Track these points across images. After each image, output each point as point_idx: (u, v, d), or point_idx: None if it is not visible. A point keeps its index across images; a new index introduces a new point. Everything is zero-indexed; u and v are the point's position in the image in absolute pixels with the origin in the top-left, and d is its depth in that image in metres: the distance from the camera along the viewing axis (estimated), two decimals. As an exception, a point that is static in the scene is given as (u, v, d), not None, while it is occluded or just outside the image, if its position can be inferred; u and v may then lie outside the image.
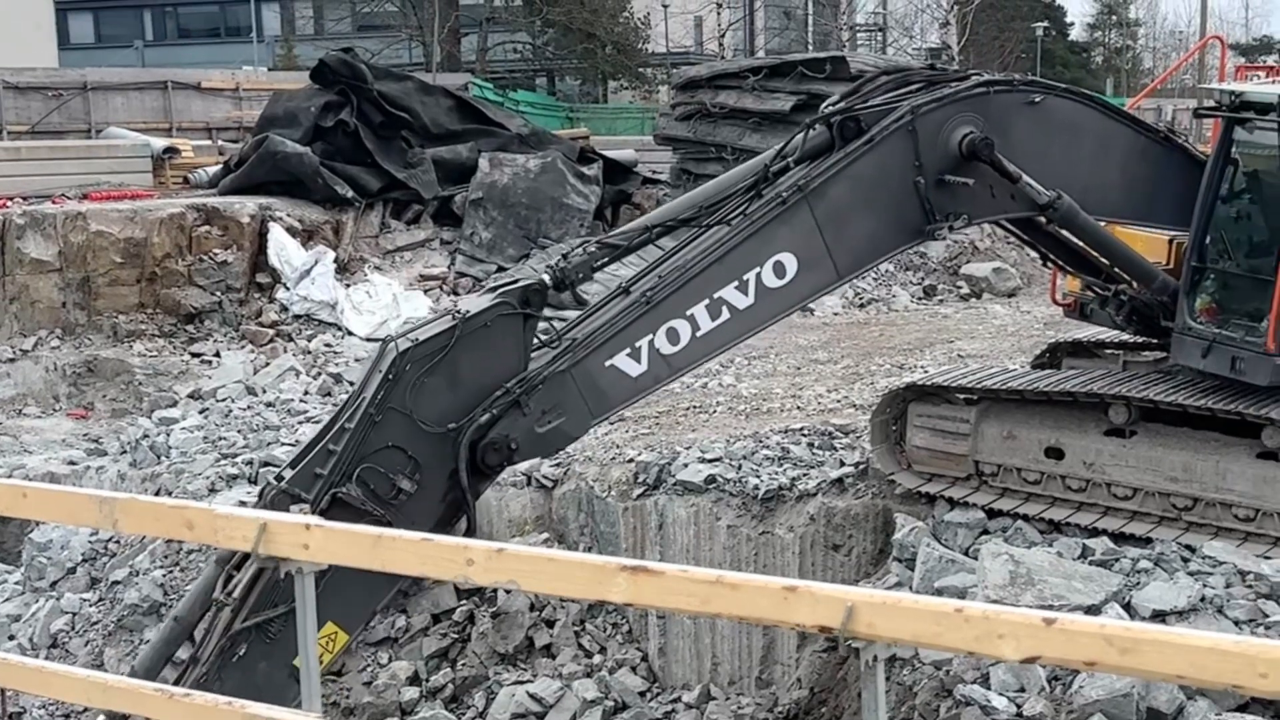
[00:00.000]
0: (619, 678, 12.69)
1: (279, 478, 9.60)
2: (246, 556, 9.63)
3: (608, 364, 9.60)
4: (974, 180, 10.00)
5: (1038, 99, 10.35)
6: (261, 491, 9.73)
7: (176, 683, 9.67)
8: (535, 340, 9.66)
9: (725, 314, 9.71)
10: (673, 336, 9.65)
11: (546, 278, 9.71)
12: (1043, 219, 10.59)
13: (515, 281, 9.76)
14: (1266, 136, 10.84)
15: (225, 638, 9.29)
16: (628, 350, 9.61)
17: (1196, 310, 10.97)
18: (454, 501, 9.60)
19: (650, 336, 9.62)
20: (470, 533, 9.85)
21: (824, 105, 10.30)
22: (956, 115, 9.94)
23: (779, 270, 9.78)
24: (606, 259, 9.93)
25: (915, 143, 9.86)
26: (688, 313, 9.65)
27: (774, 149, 10.12)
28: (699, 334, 9.70)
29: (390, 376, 9.23)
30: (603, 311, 9.77)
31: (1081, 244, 11.08)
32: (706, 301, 9.66)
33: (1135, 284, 11.20)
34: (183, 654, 9.44)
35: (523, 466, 13.96)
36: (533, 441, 9.59)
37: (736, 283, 9.71)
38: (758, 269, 9.73)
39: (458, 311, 9.53)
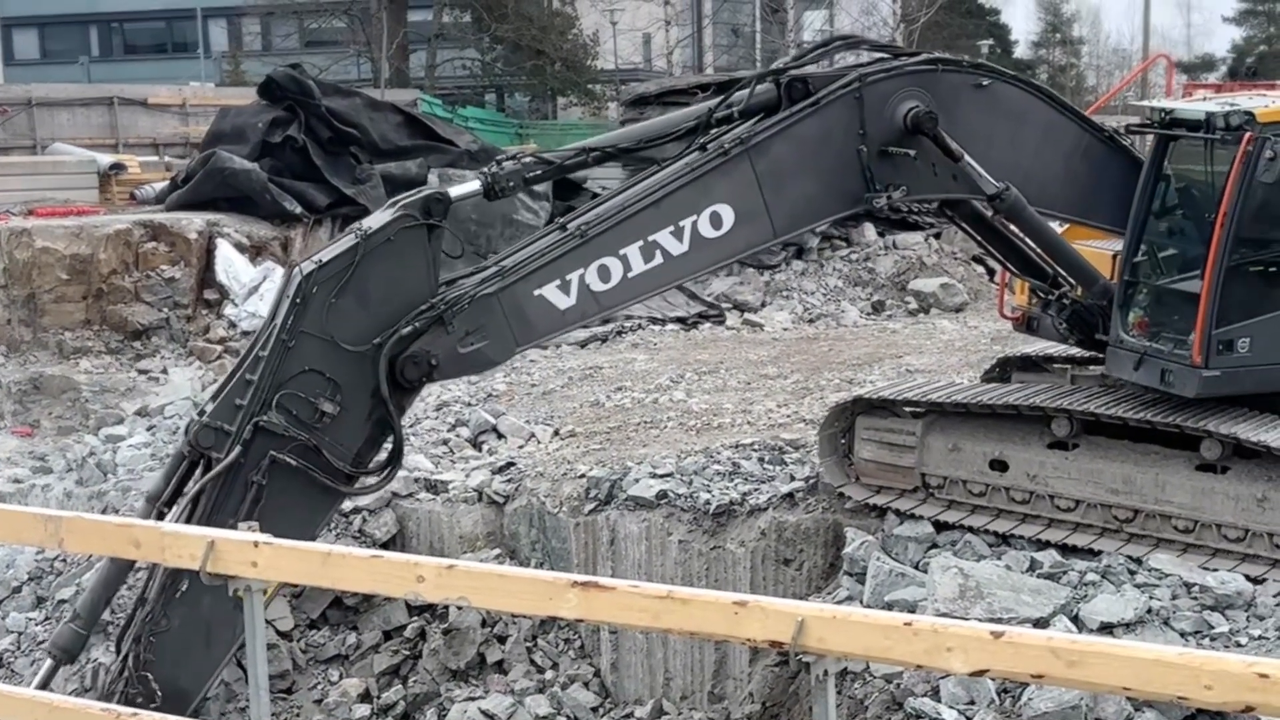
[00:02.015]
0: (571, 693, 12.66)
1: (201, 412, 9.55)
2: (177, 493, 9.62)
3: (536, 293, 9.61)
4: (916, 154, 10.09)
5: (985, 82, 10.45)
6: (186, 428, 9.66)
7: (125, 631, 9.62)
8: (445, 254, 9.68)
9: (658, 258, 9.75)
10: (604, 274, 9.67)
11: (478, 184, 9.71)
12: (989, 210, 10.69)
13: (417, 193, 9.73)
14: (1195, 153, 10.98)
15: (167, 575, 9.23)
16: (557, 282, 9.62)
17: (1129, 323, 11.09)
18: (380, 420, 9.60)
19: (581, 271, 9.63)
20: (398, 450, 9.88)
21: (774, 63, 10.43)
22: (903, 88, 10.05)
23: (715, 221, 9.82)
24: (539, 171, 9.95)
25: (860, 111, 9.96)
26: (621, 252, 9.68)
27: (719, 97, 10.18)
28: (630, 275, 9.72)
29: (298, 300, 9.22)
30: (537, 242, 9.79)
31: (1027, 242, 11.18)
32: (641, 243, 9.70)
33: (1078, 287, 11.31)
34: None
35: (474, 482, 13.93)
36: (453, 361, 9.58)
37: (672, 228, 9.75)
38: (694, 217, 9.77)
39: (360, 229, 9.49)
